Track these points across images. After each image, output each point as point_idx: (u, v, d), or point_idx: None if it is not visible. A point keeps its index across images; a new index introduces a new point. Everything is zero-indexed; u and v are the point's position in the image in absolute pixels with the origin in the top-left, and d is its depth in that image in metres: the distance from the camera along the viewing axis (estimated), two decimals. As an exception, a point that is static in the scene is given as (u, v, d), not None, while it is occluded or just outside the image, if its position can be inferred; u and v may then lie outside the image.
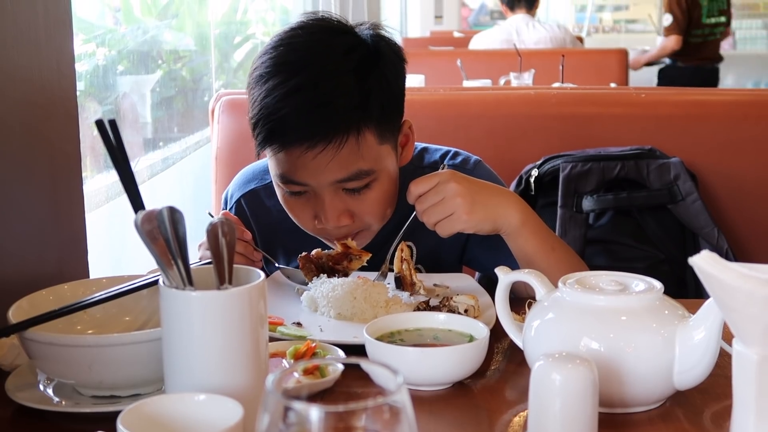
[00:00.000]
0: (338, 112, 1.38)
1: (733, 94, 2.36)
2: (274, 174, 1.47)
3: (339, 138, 1.37)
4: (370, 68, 1.42)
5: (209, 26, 3.48)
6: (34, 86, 1.28)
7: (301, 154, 1.38)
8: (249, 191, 1.68)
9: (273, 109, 1.38)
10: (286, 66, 1.41)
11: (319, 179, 1.42)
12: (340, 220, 1.46)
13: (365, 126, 1.40)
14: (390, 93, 1.47)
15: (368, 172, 1.43)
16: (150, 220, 0.91)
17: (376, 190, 1.47)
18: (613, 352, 1.01)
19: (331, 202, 1.44)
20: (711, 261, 0.86)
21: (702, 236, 1.95)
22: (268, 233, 1.66)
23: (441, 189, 1.39)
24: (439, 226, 1.41)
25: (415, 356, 1.09)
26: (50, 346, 1.01)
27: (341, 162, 1.39)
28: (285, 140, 1.39)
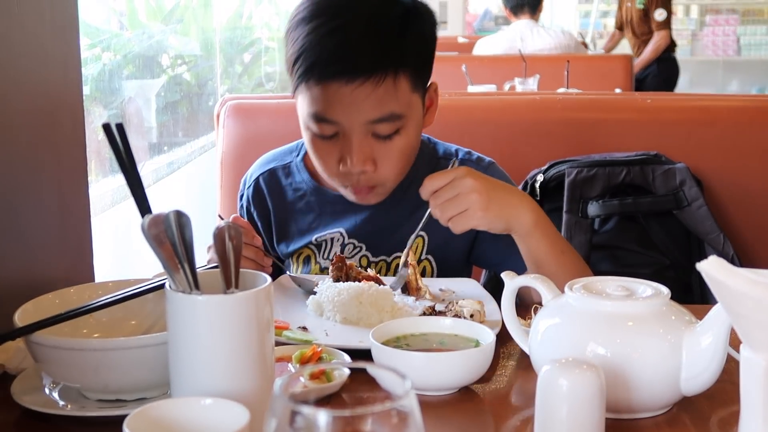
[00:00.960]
0: (380, 49, 1.44)
1: (738, 99, 2.36)
2: (306, 114, 1.49)
3: (378, 75, 1.43)
4: (408, 19, 1.48)
5: (214, 31, 3.48)
6: (40, 91, 1.28)
7: (339, 88, 1.43)
8: (268, 170, 1.72)
9: (316, 43, 1.43)
10: (329, 9, 1.46)
11: (352, 117, 1.45)
12: (365, 164, 1.49)
13: (402, 69, 1.46)
14: (425, 46, 1.53)
15: (399, 116, 1.48)
16: (157, 224, 0.91)
17: (403, 139, 1.51)
18: (620, 357, 1.01)
19: (359, 145, 1.48)
20: (719, 267, 0.86)
21: (708, 242, 1.95)
22: (282, 212, 1.70)
23: (456, 184, 1.38)
24: (453, 221, 1.40)
25: (421, 361, 1.09)
26: (56, 349, 1.01)
27: (377, 100, 1.44)
28: (325, 73, 1.43)
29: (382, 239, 1.64)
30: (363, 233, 1.65)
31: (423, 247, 1.65)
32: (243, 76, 4.08)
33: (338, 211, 1.66)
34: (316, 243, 1.66)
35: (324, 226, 1.66)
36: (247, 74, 4.14)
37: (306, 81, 1.45)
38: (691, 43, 9.77)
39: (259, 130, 2.15)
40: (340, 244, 1.65)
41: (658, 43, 6.64)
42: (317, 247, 1.66)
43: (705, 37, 9.76)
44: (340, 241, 1.65)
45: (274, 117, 2.19)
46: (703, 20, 9.88)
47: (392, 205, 1.63)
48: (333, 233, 1.66)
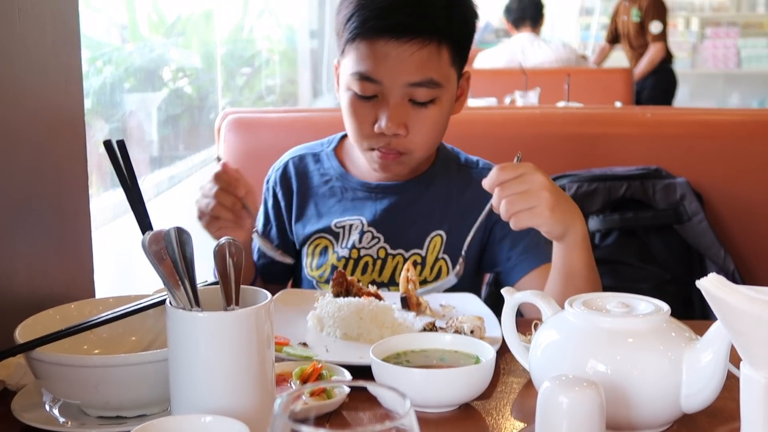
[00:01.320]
0: (429, 15, 1.52)
1: (739, 114, 2.36)
2: (349, 74, 1.56)
3: (424, 38, 1.51)
4: (456, 5, 1.57)
5: (215, 44, 3.49)
6: (42, 106, 1.28)
7: (386, 46, 1.51)
8: (298, 155, 1.79)
9: (370, 2, 1.52)
10: None
11: (394, 77, 1.52)
12: (399, 127, 1.54)
13: (445, 40, 1.53)
14: (467, 29, 1.60)
15: (437, 84, 1.54)
16: (157, 241, 0.91)
17: (437, 109, 1.57)
18: (620, 374, 1.01)
19: (395, 108, 1.54)
20: (718, 284, 0.86)
21: (708, 256, 1.95)
22: (305, 193, 1.74)
23: (527, 179, 1.35)
24: (518, 216, 1.35)
25: (421, 378, 1.09)
26: (57, 366, 1.01)
27: (419, 63, 1.51)
28: (377, 29, 1.51)
29: (401, 232, 1.67)
30: (382, 223, 1.68)
31: (441, 246, 1.67)
32: (244, 89, 4.09)
33: (360, 198, 1.70)
34: (335, 229, 1.69)
35: (344, 211, 1.70)
36: (248, 87, 4.15)
37: (355, 39, 1.53)
38: (692, 56, 9.77)
39: (259, 144, 2.16)
40: (359, 231, 1.68)
41: (653, 55, 6.67)
42: (335, 236, 1.69)
43: (705, 50, 9.76)
44: (359, 229, 1.68)
45: (275, 130, 2.20)
46: (703, 33, 9.89)
47: (414, 199, 1.68)
48: (353, 220, 1.69)
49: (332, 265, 1.66)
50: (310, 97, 5.00)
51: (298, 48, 4.95)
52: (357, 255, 1.67)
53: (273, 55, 4.46)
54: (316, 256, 1.70)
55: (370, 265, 1.67)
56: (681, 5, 9.94)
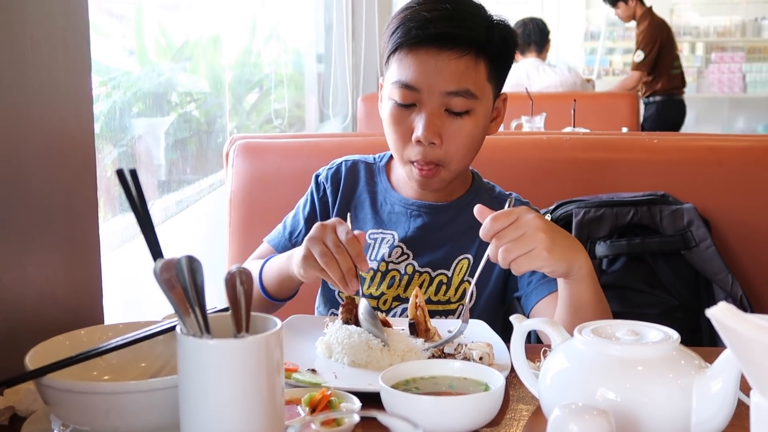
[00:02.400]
0: (469, 29, 1.60)
1: (745, 139, 2.36)
2: (390, 84, 1.63)
3: (463, 48, 1.58)
4: (497, 27, 1.65)
5: (223, 69, 3.50)
6: (53, 132, 1.29)
7: (427, 54, 1.59)
8: (353, 161, 1.85)
9: (415, 16, 1.61)
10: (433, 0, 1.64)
11: (432, 84, 1.59)
12: (434, 136, 1.60)
13: (483, 55, 1.61)
14: (505, 50, 1.68)
15: (473, 95, 1.61)
16: (168, 269, 0.92)
17: (472, 121, 1.62)
18: (630, 402, 1.01)
19: (431, 116, 1.60)
20: (728, 313, 0.86)
21: (716, 282, 1.94)
22: (348, 198, 1.80)
23: (521, 224, 1.35)
24: (517, 262, 1.35)
25: (430, 405, 1.09)
26: (67, 392, 1.01)
27: (456, 72, 1.59)
28: (418, 38, 1.59)
29: (431, 251, 1.71)
30: (413, 241, 1.72)
31: (467, 269, 1.69)
32: (251, 114, 4.10)
33: (396, 213, 1.75)
34: (368, 240, 1.73)
35: (379, 224, 1.75)
36: (255, 111, 4.16)
37: (399, 48, 1.61)
38: (697, 81, 9.80)
39: (267, 169, 2.16)
40: (389, 245, 1.72)
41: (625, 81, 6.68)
42: (366, 248, 1.72)
43: (711, 75, 9.79)
44: (389, 243, 1.72)
45: (283, 156, 2.20)
46: (708, 57, 9.93)
47: (446, 222, 1.72)
48: (386, 234, 1.74)
49: (360, 276, 1.66)
50: (316, 122, 5.01)
51: (305, 72, 4.97)
52: (385, 268, 1.71)
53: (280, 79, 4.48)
54: None
55: (397, 279, 1.69)
56: (686, 30, 9.98)
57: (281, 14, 4.49)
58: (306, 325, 1.50)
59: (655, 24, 6.66)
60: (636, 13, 6.73)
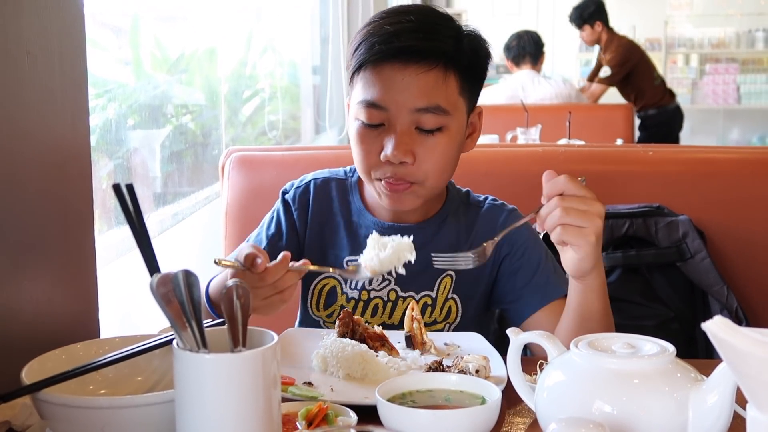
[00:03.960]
0: (436, 40, 1.53)
1: (740, 151, 2.37)
2: (356, 103, 1.56)
3: (430, 61, 1.51)
4: (467, 37, 1.58)
5: (219, 81, 3.51)
6: (49, 145, 1.29)
7: (392, 72, 1.51)
8: (323, 179, 1.76)
9: (378, 30, 1.54)
10: (397, 12, 1.59)
11: (400, 102, 1.52)
12: (406, 154, 1.52)
13: (453, 67, 1.54)
14: (477, 61, 1.60)
15: (445, 111, 1.53)
16: (165, 283, 0.92)
17: (444, 139, 1.55)
18: (626, 415, 1.01)
19: (402, 135, 1.53)
20: (724, 326, 0.86)
21: (711, 294, 1.95)
22: (320, 222, 1.72)
23: (589, 202, 1.35)
24: (566, 229, 1.35)
25: (427, 418, 1.09)
26: (63, 407, 1.01)
27: (425, 88, 1.52)
28: (382, 53, 1.52)
29: (413, 274, 1.59)
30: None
31: (450, 286, 1.65)
32: (247, 126, 4.11)
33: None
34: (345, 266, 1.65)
35: (356, 250, 1.63)
36: (250, 123, 4.16)
37: (362, 66, 1.54)
38: (691, 92, 9.83)
39: (263, 182, 2.16)
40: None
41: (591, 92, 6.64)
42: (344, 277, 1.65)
43: (705, 86, 9.82)
44: None
45: (279, 168, 2.20)
46: (703, 69, 9.96)
47: (425, 242, 1.62)
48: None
49: (341, 306, 1.65)
50: (312, 133, 5.02)
51: (301, 84, 4.98)
52: (367, 297, 1.65)
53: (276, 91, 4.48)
54: (323, 296, 1.68)
55: (380, 307, 1.65)
56: (680, 42, 10.02)
57: (277, 27, 4.50)
58: (302, 339, 1.50)
59: (624, 46, 6.59)
60: (602, 38, 6.66)
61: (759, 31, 9.83)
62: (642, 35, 9.69)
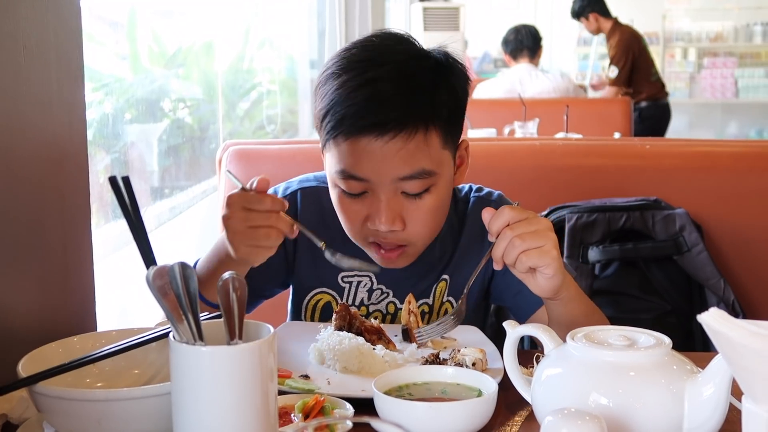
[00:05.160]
0: (411, 103, 1.41)
1: (738, 145, 2.37)
2: (334, 171, 1.45)
3: (409, 129, 1.39)
4: (441, 74, 1.46)
5: (216, 75, 3.50)
6: (45, 140, 1.29)
7: (369, 143, 1.39)
8: (310, 187, 1.66)
9: (346, 97, 1.40)
10: (360, 63, 1.44)
11: (381, 174, 1.41)
12: (395, 223, 1.44)
13: (433, 124, 1.42)
14: (457, 102, 1.48)
15: (430, 173, 1.44)
16: (161, 276, 0.92)
17: (433, 197, 1.47)
18: (623, 407, 1.01)
19: (388, 203, 1.44)
20: (720, 319, 0.87)
21: (708, 287, 1.95)
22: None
23: (534, 220, 1.34)
24: (528, 254, 1.32)
25: (423, 411, 1.09)
26: (60, 400, 1.01)
27: (407, 156, 1.40)
28: (355, 127, 1.40)
29: (411, 285, 1.60)
30: (392, 279, 1.61)
31: (445, 290, 1.64)
32: (244, 120, 4.10)
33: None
34: (341, 284, 1.62)
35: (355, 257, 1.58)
36: (248, 117, 4.16)
37: (335, 137, 1.43)
38: (689, 86, 9.83)
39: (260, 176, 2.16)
40: (368, 289, 1.62)
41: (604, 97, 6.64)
42: (339, 291, 1.62)
43: (703, 80, 9.82)
44: (368, 286, 1.62)
45: (276, 162, 2.20)
46: (701, 63, 9.95)
47: (423, 252, 1.57)
48: (361, 276, 1.62)
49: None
50: (310, 127, 5.01)
51: (299, 78, 4.97)
52: (366, 312, 1.62)
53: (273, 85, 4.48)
54: (317, 312, 1.64)
55: (380, 320, 1.63)
56: (678, 36, 10.02)
57: (274, 21, 4.49)
58: (299, 332, 1.50)
59: (626, 37, 6.61)
60: (602, 27, 6.68)
61: (757, 25, 9.83)
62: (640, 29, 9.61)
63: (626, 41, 6.57)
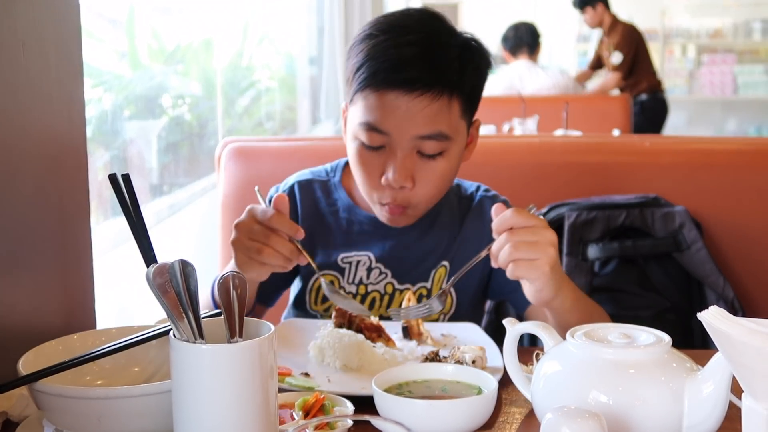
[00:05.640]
0: (440, 69, 1.50)
1: (737, 142, 2.37)
2: (357, 123, 1.54)
3: (435, 91, 1.48)
4: (468, 52, 1.55)
5: (215, 72, 3.50)
6: (45, 137, 1.29)
7: (396, 98, 1.48)
8: (306, 180, 1.75)
9: (381, 53, 1.50)
10: (397, 28, 1.54)
11: (403, 129, 1.50)
12: (407, 180, 1.52)
13: (456, 94, 1.52)
14: (479, 80, 1.59)
15: (447, 137, 1.52)
16: (161, 274, 0.92)
17: (445, 162, 1.54)
18: (622, 405, 1.01)
19: (403, 160, 1.51)
20: (719, 317, 0.87)
21: (707, 285, 1.95)
22: (311, 222, 1.70)
23: (538, 231, 1.34)
24: (518, 264, 1.35)
25: (423, 409, 1.09)
26: (60, 398, 1.01)
27: (430, 116, 1.49)
28: (386, 81, 1.49)
29: (409, 267, 1.66)
30: (390, 260, 1.66)
31: (445, 276, 1.66)
32: (243, 117, 4.10)
33: (367, 233, 1.68)
34: (341, 264, 1.66)
35: (351, 245, 1.67)
36: (247, 114, 4.16)
37: (364, 89, 1.51)
38: (689, 83, 9.82)
39: (260, 173, 2.16)
40: (367, 267, 1.66)
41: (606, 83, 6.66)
42: (341, 271, 1.66)
43: (702, 77, 9.81)
44: (367, 265, 1.66)
45: (275, 159, 2.20)
46: (700, 59, 9.94)
47: (421, 234, 1.66)
48: (361, 256, 1.67)
49: None
50: (309, 124, 5.01)
51: (297, 75, 4.97)
52: (365, 291, 1.66)
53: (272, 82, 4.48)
54: (321, 291, 1.68)
55: (378, 300, 1.66)
56: (678, 32, 10.00)
57: (273, 17, 4.49)
58: (299, 329, 1.51)
59: (629, 30, 6.64)
60: (604, 20, 6.68)
61: (756, 22, 9.82)
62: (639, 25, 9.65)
63: (630, 32, 6.58)
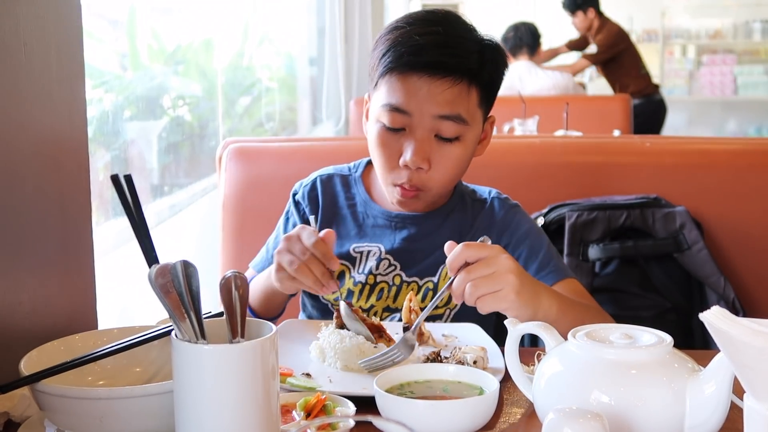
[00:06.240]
0: (462, 57, 1.57)
1: (737, 142, 2.37)
2: (380, 105, 1.60)
3: (456, 77, 1.56)
4: (488, 49, 1.62)
5: (215, 72, 3.50)
6: (46, 137, 1.29)
7: (419, 79, 1.56)
8: (327, 175, 1.82)
9: (407, 40, 1.58)
10: (423, 21, 1.62)
11: (423, 109, 1.56)
12: (423, 161, 1.57)
13: (476, 82, 1.59)
14: (496, 76, 1.66)
15: (464, 121, 1.58)
16: (164, 274, 0.92)
17: (460, 147, 1.60)
18: (624, 406, 1.01)
19: (422, 142, 1.57)
20: (721, 317, 0.87)
21: (708, 285, 1.95)
22: (329, 214, 1.77)
23: (492, 262, 1.33)
24: (483, 300, 1.33)
25: (425, 409, 1.09)
26: (61, 398, 1.01)
27: (450, 98, 1.56)
28: (410, 64, 1.56)
29: (417, 261, 1.69)
30: (399, 252, 1.70)
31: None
32: (244, 117, 4.10)
33: (379, 226, 1.73)
34: (353, 254, 1.71)
35: (363, 237, 1.73)
36: (247, 115, 4.16)
37: (390, 72, 1.58)
38: (689, 83, 9.82)
39: (260, 173, 2.16)
40: (376, 258, 1.70)
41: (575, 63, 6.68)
42: (351, 261, 1.71)
43: (702, 77, 9.81)
44: (377, 256, 1.70)
45: (276, 160, 2.20)
46: (700, 60, 9.94)
47: (431, 231, 1.70)
48: (371, 247, 1.71)
49: (348, 290, 1.67)
50: (309, 125, 5.01)
51: (298, 75, 4.97)
52: (373, 281, 1.69)
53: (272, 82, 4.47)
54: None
55: (386, 291, 1.68)
56: (677, 33, 10.00)
57: (273, 18, 4.49)
58: (300, 330, 1.51)
59: (615, 31, 6.61)
60: (593, 24, 6.67)
61: (756, 22, 9.82)
62: (639, 26, 9.68)
63: (615, 36, 6.57)
